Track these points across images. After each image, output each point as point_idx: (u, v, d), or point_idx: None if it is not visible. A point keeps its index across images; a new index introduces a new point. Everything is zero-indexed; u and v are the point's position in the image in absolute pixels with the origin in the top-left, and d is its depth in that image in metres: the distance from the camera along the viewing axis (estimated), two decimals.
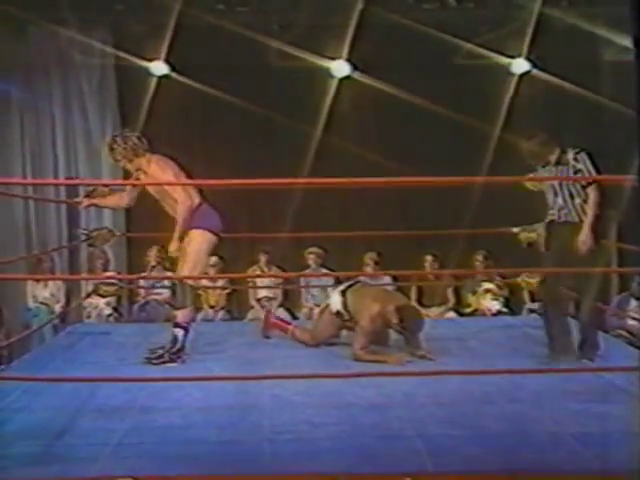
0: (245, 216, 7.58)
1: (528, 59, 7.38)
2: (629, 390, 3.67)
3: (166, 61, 7.32)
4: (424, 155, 7.36)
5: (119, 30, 7.43)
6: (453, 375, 4.10)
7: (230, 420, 3.55)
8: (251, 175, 7.11)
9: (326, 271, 7.36)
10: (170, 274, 4.90)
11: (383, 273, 6.88)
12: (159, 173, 4.60)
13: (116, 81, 7.67)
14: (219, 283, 7.45)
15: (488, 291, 7.28)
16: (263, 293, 7.38)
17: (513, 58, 7.44)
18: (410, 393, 3.89)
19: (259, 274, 7.36)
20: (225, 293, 7.48)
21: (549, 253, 4.58)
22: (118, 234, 6.55)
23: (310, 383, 3.99)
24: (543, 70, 7.34)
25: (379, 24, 6.97)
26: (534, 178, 4.79)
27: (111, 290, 7.03)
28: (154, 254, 7.11)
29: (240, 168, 7.33)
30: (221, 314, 7.38)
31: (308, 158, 7.05)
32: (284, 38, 7.24)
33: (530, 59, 7.37)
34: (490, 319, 6.84)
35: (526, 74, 7.48)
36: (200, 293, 7.17)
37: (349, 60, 7.35)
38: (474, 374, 4.07)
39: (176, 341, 4.60)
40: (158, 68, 7.40)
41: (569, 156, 4.42)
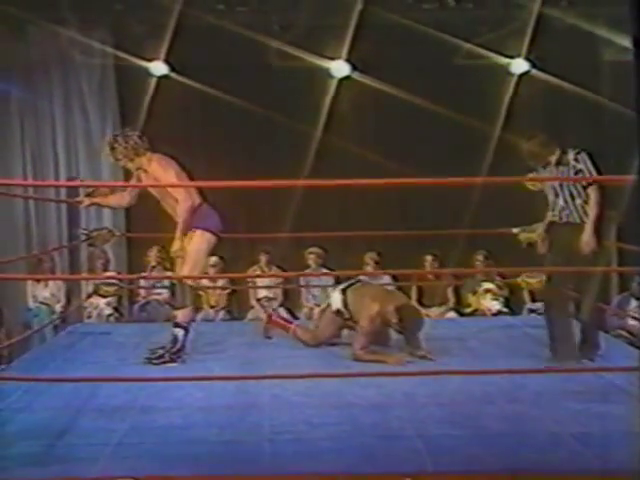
0: (245, 216, 7.58)
1: (528, 59, 7.37)
2: (629, 390, 3.68)
3: (166, 61, 7.33)
4: (424, 155, 7.36)
5: (119, 30, 7.44)
6: (453, 375, 4.10)
7: (230, 420, 3.55)
8: (251, 175, 7.10)
9: (326, 271, 7.36)
10: (170, 274, 4.89)
11: (383, 273, 6.88)
12: (160, 172, 4.59)
13: (116, 81, 7.67)
14: (219, 283, 7.46)
15: (488, 291, 7.28)
16: (263, 293, 7.38)
17: (512, 58, 7.44)
18: (410, 393, 3.89)
19: (259, 274, 7.36)
20: (225, 293, 7.49)
21: (551, 254, 4.56)
22: (118, 234, 6.56)
23: (310, 383, 3.99)
24: (543, 70, 7.34)
25: (379, 24, 6.97)
26: (535, 178, 4.76)
27: (111, 290, 7.03)
28: (154, 254, 7.12)
29: (240, 168, 7.32)
30: (221, 314, 7.38)
31: (308, 158, 7.06)
32: (284, 38, 7.24)
33: (530, 59, 7.37)
34: (490, 319, 6.84)
35: (526, 74, 7.48)
36: (200, 293, 7.17)
37: (349, 60, 7.35)
38: (474, 374, 4.07)
39: (176, 341, 4.60)
40: (158, 68, 7.41)
41: (569, 156, 4.40)
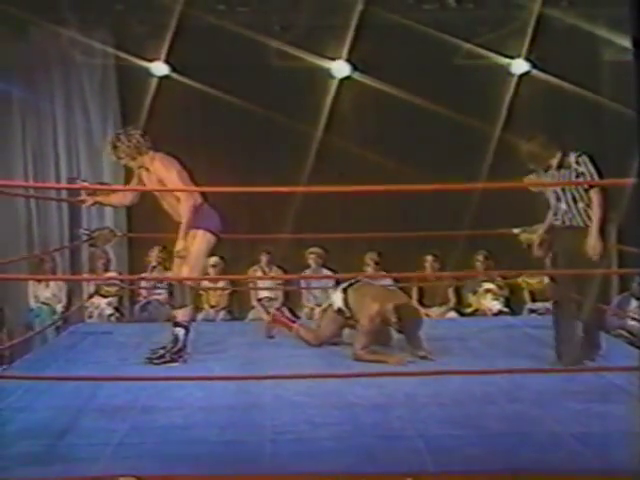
0: (246, 216, 7.58)
1: (528, 59, 7.37)
2: (629, 390, 3.68)
3: (167, 61, 7.33)
4: (424, 155, 7.37)
5: (120, 30, 7.44)
6: (454, 375, 4.11)
7: (231, 420, 3.56)
8: (251, 175, 7.16)
9: (327, 271, 7.37)
10: (171, 274, 4.89)
11: (384, 275, 6.89)
12: (163, 171, 4.60)
13: (117, 81, 7.67)
14: (220, 283, 7.46)
15: (489, 291, 7.28)
16: (264, 293, 7.38)
17: (513, 58, 7.43)
18: (411, 393, 3.89)
19: (261, 276, 7.35)
20: (226, 293, 7.49)
21: (555, 258, 4.53)
22: (119, 234, 6.56)
23: (311, 383, 4.00)
24: (543, 70, 7.34)
25: (379, 24, 6.97)
26: (537, 183, 4.68)
27: (113, 290, 7.06)
28: (155, 254, 7.13)
29: (241, 168, 7.34)
30: (222, 314, 7.38)
31: (309, 158, 7.06)
32: (284, 38, 7.24)
33: (530, 59, 7.37)
34: (491, 319, 6.84)
35: (526, 74, 7.48)
36: (201, 293, 7.18)
37: (349, 60, 7.36)
38: (475, 374, 4.08)
39: (177, 340, 4.61)
40: (159, 68, 7.41)
41: (571, 159, 4.36)
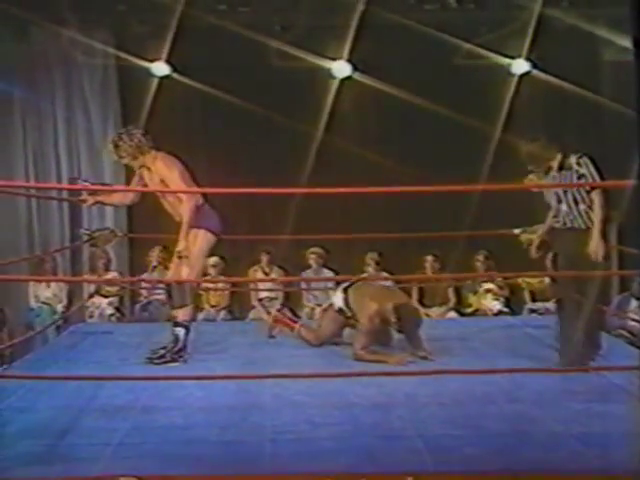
0: (246, 216, 7.58)
1: (528, 60, 7.37)
2: (630, 390, 3.69)
3: (167, 62, 7.33)
4: (425, 155, 7.36)
5: (121, 31, 7.44)
6: (454, 375, 4.11)
7: (232, 420, 3.56)
8: (252, 175, 7.15)
9: (328, 271, 7.36)
10: (169, 273, 4.89)
11: (385, 277, 6.89)
12: (165, 171, 4.61)
13: (118, 81, 7.67)
14: (220, 283, 7.45)
15: (489, 291, 7.28)
16: (265, 293, 7.38)
17: (513, 59, 7.43)
18: (411, 393, 3.90)
19: (263, 278, 7.34)
20: (227, 293, 7.49)
21: (555, 258, 4.52)
22: (120, 234, 6.56)
23: (312, 383, 4.00)
24: (543, 71, 7.33)
25: (380, 25, 6.97)
26: (538, 185, 4.67)
27: (113, 290, 7.06)
28: (156, 254, 7.13)
29: (241, 168, 7.34)
30: (223, 314, 7.38)
31: (309, 158, 7.06)
32: (285, 38, 7.23)
33: (530, 60, 7.37)
34: (491, 319, 6.84)
35: (526, 74, 7.48)
36: (201, 293, 7.18)
37: (350, 61, 7.36)
38: (475, 373, 4.09)
39: (178, 340, 4.62)
40: (159, 69, 7.41)
41: (572, 161, 4.34)
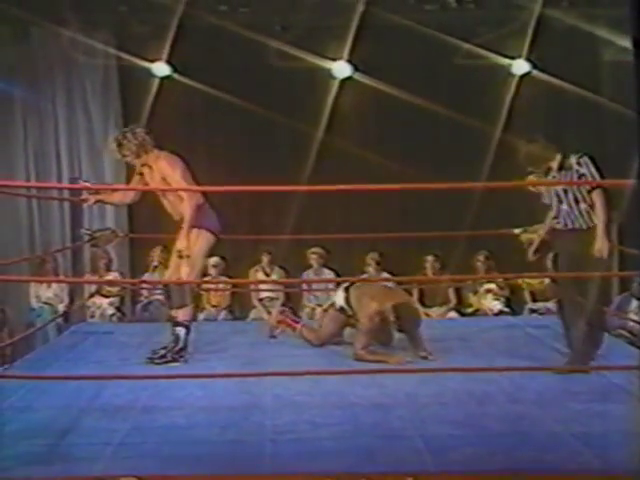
0: (247, 216, 7.60)
1: (528, 60, 7.38)
2: (630, 390, 3.69)
3: (168, 62, 7.34)
4: (426, 156, 7.37)
5: (121, 31, 7.46)
6: (455, 374, 4.12)
7: (232, 420, 3.56)
8: (253, 175, 7.16)
9: (328, 271, 7.37)
10: (168, 272, 4.89)
11: (385, 279, 6.89)
12: (168, 169, 4.62)
13: (119, 82, 7.69)
14: (221, 283, 7.46)
15: (489, 291, 7.28)
16: (265, 293, 7.39)
17: (513, 59, 7.44)
18: (412, 393, 3.91)
19: (264, 280, 7.34)
20: (227, 293, 7.49)
21: (556, 259, 4.50)
22: (121, 235, 6.57)
23: (312, 383, 4.00)
24: (543, 71, 7.34)
25: (380, 25, 6.98)
26: (538, 183, 4.59)
27: (114, 290, 7.06)
28: (157, 254, 7.13)
29: (242, 168, 7.34)
30: (223, 314, 7.38)
31: (310, 158, 7.07)
32: (285, 39, 7.25)
33: (530, 60, 7.38)
34: (491, 319, 6.84)
35: (526, 75, 7.48)
36: (202, 293, 7.19)
37: (350, 61, 7.36)
38: (475, 371, 4.10)
39: (178, 340, 4.62)
40: (160, 69, 7.42)
41: (572, 161, 4.32)
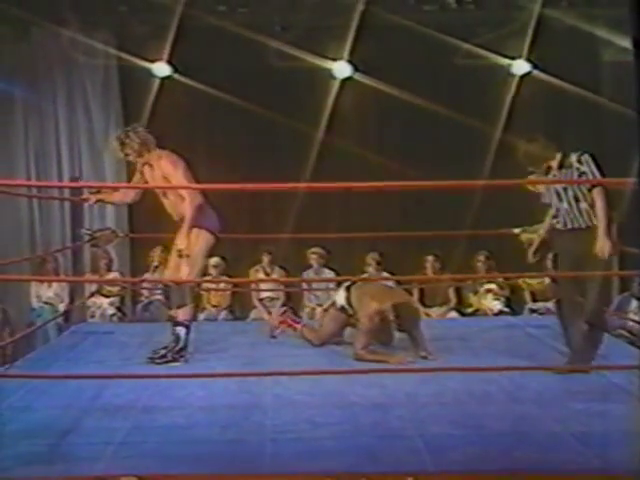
0: (247, 216, 7.60)
1: (528, 60, 7.38)
2: (629, 389, 3.70)
3: (168, 62, 7.35)
4: (426, 156, 7.37)
5: (122, 31, 7.46)
6: (455, 373, 4.12)
7: (233, 419, 3.57)
8: (253, 175, 7.14)
9: (329, 271, 7.37)
10: (168, 271, 4.90)
11: (386, 278, 6.89)
12: (170, 169, 4.63)
13: (119, 82, 7.70)
14: (221, 283, 7.46)
15: (489, 291, 7.29)
16: (266, 293, 7.39)
17: (513, 59, 7.44)
18: (412, 393, 3.91)
19: (264, 279, 7.35)
20: (228, 293, 7.50)
21: (556, 259, 4.49)
22: (121, 235, 6.57)
23: (312, 382, 4.01)
24: (543, 71, 7.34)
25: (380, 25, 6.99)
26: (538, 181, 4.59)
27: (115, 290, 7.07)
28: (157, 254, 7.14)
29: (242, 169, 7.35)
30: (224, 314, 7.38)
31: (310, 159, 7.07)
32: (285, 39, 7.25)
33: (530, 60, 7.38)
34: (492, 319, 6.84)
35: (526, 75, 7.49)
36: (202, 293, 7.19)
37: (350, 61, 7.37)
38: (475, 371, 4.10)
39: (179, 340, 4.63)
40: (160, 69, 7.43)
41: (572, 159, 4.30)
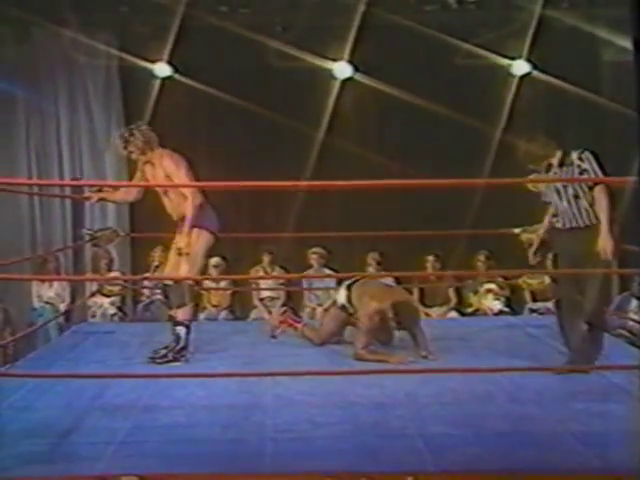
0: (248, 216, 7.61)
1: (529, 60, 7.38)
2: (630, 389, 3.70)
3: (169, 63, 7.35)
4: (426, 156, 7.38)
5: (123, 32, 7.47)
6: (455, 374, 4.13)
7: (233, 419, 3.58)
8: (254, 176, 7.15)
9: (329, 271, 7.38)
10: (167, 270, 4.92)
11: (386, 275, 6.90)
12: (173, 168, 4.65)
13: (120, 82, 7.70)
14: (222, 283, 7.48)
15: (490, 291, 7.29)
16: (266, 293, 7.40)
17: (514, 59, 7.44)
18: (412, 392, 3.92)
19: (263, 276, 7.36)
20: (228, 293, 7.51)
21: (556, 258, 4.48)
22: (122, 234, 6.58)
23: (313, 382, 4.01)
24: (544, 71, 7.34)
25: (381, 26, 6.99)
26: (538, 180, 4.56)
27: (115, 290, 7.08)
28: (158, 254, 7.14)
29: (243, 169, 7.34)
30: (224, 313, 7.39)
31: (311, 159, 7.08)
32: (286, 39, 7.25)
33: (531, 60, 7.38)
34: (492, 319, 6.85)
35: (527, 75, 7.49)
36: (202, 293, 7.20)
37: (351, 62, 7.38)
38: (476, 372, 4.10)
39: (179, 339, 4.64)
40: (161, 70, 7.43)
41: (573, 156, 4.27)
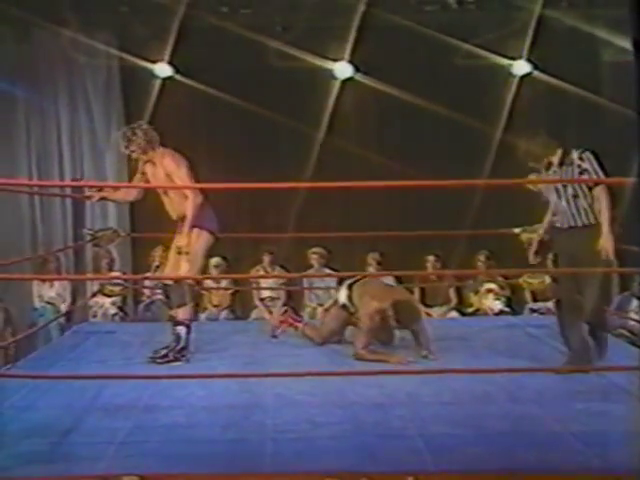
0: (248, 216, 7.61)
1: (529, 60, 7.39)
2: (630, 389, 3.70)
3: (170, 63, 7.35)
4: (427, 156, 7.37)
5: (123, 32, 7.47)
6: (455, 374, 4.13)
7: (234, 419, 3.58)
8: (254, 176, 7.16)
9: (329, 271, 7.38)
10: (167, 270, 4.93)
11: (386, 274, 6.89)
12: (174, 167, 4.66)
13: (121, 82, 7.70)
14: (222, 283, 7.48)
15: (490, 291, 7.29)
16: (267, 293, 7.40)
17: (514, 60, 7.44)
18: (412, 392, 3.92)
19: (264, 275, 7.37)
20: (229, 293, 7.51)
21: (556, 258, 4.47)
22: (123, 234, 6.59)
23: (313, 382, 4.01)
24: (544, 72, 7.34)
25: (381, 26, 6.99)
26: (538, 180, 4.55)
27: (116, 290, 7.07)
28: (159, 254, 7.15)
29: (243, 169, 7.35)
30: (225, 313, 7.39)
31: (311, 159, 7.08)
32: (286, 40, 7.26)
33: (531, 61, 7.38)
34: (492, 319, 6.85)
35: (527, 75, 7.49)
36: (203, 293, 7.20)
37: (351, 62, 7.38)
38: (476, 373, 4.11)
39: (179, 339, 4.65)
40: (162, 70, 7.43)
41: (573, 156, 4.25)
